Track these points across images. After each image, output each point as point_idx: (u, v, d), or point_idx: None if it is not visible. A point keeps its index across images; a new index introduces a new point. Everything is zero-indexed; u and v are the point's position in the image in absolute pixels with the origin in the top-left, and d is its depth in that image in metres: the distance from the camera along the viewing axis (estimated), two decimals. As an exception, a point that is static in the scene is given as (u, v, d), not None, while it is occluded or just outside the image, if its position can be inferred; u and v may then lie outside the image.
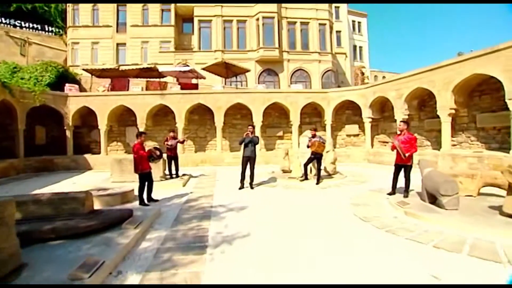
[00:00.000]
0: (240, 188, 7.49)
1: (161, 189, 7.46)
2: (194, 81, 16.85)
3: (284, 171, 9.92)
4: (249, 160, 7.41)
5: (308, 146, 7.93)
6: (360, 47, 35.61)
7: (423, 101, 10.81)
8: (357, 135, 14.39)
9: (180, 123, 13.39)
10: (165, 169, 9.47)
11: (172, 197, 6.70)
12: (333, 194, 6.55)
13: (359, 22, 35.86)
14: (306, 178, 8.12)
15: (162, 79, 16.15)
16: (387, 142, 13.06)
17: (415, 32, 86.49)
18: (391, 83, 11.03)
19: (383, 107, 13.09)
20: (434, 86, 9.15)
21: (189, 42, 22.72)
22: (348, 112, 14.67)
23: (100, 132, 12.81)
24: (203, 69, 15.53)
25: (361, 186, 7.40)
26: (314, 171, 8.64)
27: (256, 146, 7.62)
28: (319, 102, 14.07)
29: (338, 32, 29.90)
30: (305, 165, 8.06)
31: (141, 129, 12.93)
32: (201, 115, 14.84)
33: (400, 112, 10.74)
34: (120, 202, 6.05)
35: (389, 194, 5.78)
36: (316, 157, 7.77)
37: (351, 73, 30.62)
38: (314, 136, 7.88)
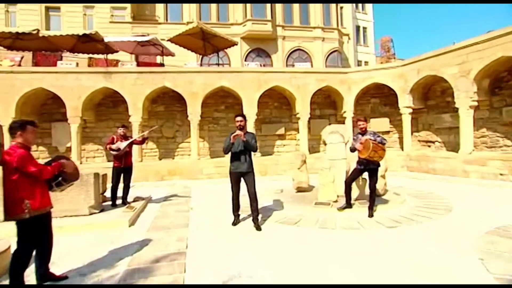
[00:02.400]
0: (234, 224, 4.89)
1: (86, 234, 4.48)
2: (159, 59, 13.71)
3: (301, 190, 7.19)
4: (243, 178, 4.78)
5: (352, 150, 5.21)
6: (364, 28, 33.67)
7: (498, 81, 8.45)
8: (387, 132, 11.92)
9: (136, 116, 10.24)
10: (103, 191, 6.40)
11: (97, 261, 3.65)
12: (422, 244, 3.81)
13: (362, -2, 34.05)
14: (349, 205, 5.37)
15: (112, 55, 12.84)
16: (432, 142, 10.65)
17: (425, 14, 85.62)
18: (450, 55, 8.57)
19: (426, 92, 10.69)
20: (533, 53, 6.73)
21: (152, 11, 19.43)
22: (374, 101, 12.20)
23: (2, 131, 9.31)
24: (171, 40, 12.44)
25: (453, 221, 4.74)
26: (356, 192, 5.93)
27: (253, 153, 4.96)
28: (336, 87, 11.47)
29: (340, 8, 27.81)
30: (348, 183, 5.32)
31: (75, 125, 9.64)
32: (168, 105, 11.79)
33: (466, 97, 8.29)
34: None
35: None
36: (369, 169, 5.06)
37: (354, 59, 28.59)
38: (364, 131, 5.16)
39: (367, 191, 6.05)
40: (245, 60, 19.39)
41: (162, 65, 12.57)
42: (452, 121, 9.54)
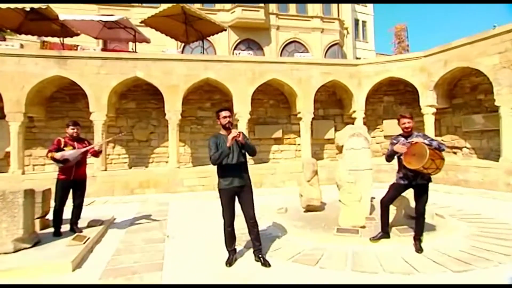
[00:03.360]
0: (229, 263, 3.71)
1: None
2: (131, 47, 12.34)
3: (311, 208, 6.10)
4: (237, 195, 3.73)
5: (391, 158, 4.15)
6: (364, 21, 33.34)
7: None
8: (404, 136, 10.96)
9: (100, 114, 8.88)
10: (43, 215, 5.10)
11: None
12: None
13: (362, -11, 33.73)
14: (386, 234, 4.27)
15: (72, 40, 11.41)
16: (459, 148, 9.78)
17: (430, 8, 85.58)
18: (490, 41, 7.69)
19: (452, 89, 9.85)
20: None
21: (125, -7, 18.01)
22: (387, 99, 11.30)
23: None
24: (146, 23, 11.18)
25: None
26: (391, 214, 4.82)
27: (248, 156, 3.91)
28: (344, 82, 10.50)
29: (339, -3, 27.29)
30: (386, 204, 4.24)
31: (15, 123, 8.16)
32: (140, 101, 10.50)
33: (510, 93, 7.41)
34: None
35: None
36: (417, 185, 4.00)
37: (353, 56, 28.05)
38: (409, 133, 4.08)
39: (401, 212, 5.01)
40: (233, 51, 18.28)
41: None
42: (485, 123, 8.70)
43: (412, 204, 5.24)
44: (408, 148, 3.81)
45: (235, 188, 3.64)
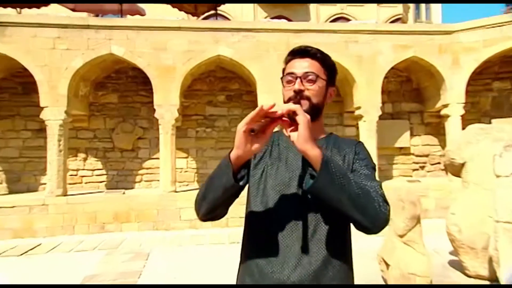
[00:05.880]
0: None
1: None
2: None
3: None
4: None
5: None
6: (428, -2, 30.14)
7: None
8: (529, 144, 7.88)
9: (56, 111, 6.71)
10: None
11: None
12: None
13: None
14: None
15: (38, 11, 9.54)
16: None
17: None
18: None
19: None
20: None
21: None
22: (499, 86, 8.38)
23: None
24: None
25: None
26: None
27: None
28: (429, 60, 7.77)
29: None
30: None
31: None
32: (125, 93, 8.40)
33: None
34: None
35: None
36: None
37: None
38: None
39: None
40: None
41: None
42: None
43: None
44: None
45: None
